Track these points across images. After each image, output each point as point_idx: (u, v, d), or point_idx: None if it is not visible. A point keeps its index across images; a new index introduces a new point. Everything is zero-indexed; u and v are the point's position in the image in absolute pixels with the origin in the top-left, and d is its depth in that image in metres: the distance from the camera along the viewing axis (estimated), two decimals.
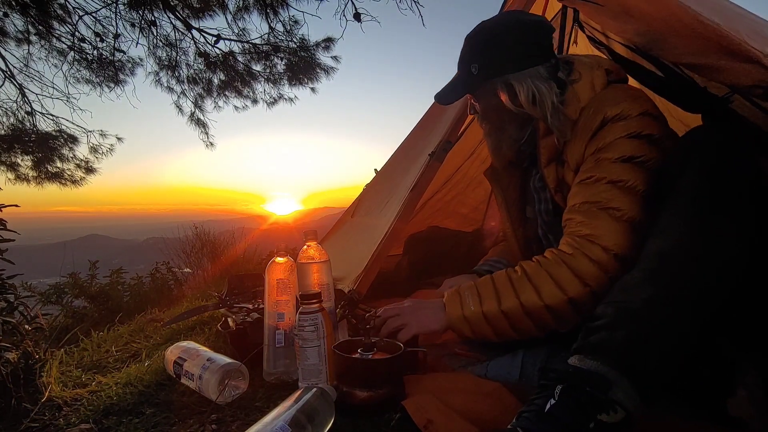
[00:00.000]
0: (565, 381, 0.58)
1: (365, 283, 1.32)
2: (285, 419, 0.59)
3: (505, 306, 0.81)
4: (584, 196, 0.81)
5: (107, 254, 37.17)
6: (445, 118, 1.61)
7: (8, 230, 1.03)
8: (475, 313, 0.84)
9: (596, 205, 0.79)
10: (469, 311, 0.85)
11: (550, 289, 0.78)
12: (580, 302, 0.77)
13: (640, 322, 0.60)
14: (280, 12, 4.16)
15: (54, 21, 3.89)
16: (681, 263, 0.62)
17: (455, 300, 0.88)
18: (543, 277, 0.80)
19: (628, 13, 0.94)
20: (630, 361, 0.58)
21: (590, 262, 0.76)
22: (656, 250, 0.65)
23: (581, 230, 0.80)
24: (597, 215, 0.78)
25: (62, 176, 4.75)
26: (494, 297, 0.83)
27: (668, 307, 0.60)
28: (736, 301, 0.64)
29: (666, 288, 0.61)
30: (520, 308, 0.80)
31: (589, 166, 0.83)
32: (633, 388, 0.57)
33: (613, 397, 0.55)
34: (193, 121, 4.94)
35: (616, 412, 0.55)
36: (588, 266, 0.76)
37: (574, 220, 0.82)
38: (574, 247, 0.79)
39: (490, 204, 2.37)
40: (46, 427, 0.78)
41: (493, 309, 0.82)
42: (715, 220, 0.62)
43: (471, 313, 0.84)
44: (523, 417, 0.57)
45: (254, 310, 1.14)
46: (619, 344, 0.60)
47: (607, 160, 0.80)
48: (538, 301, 0.79)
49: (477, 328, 0.85)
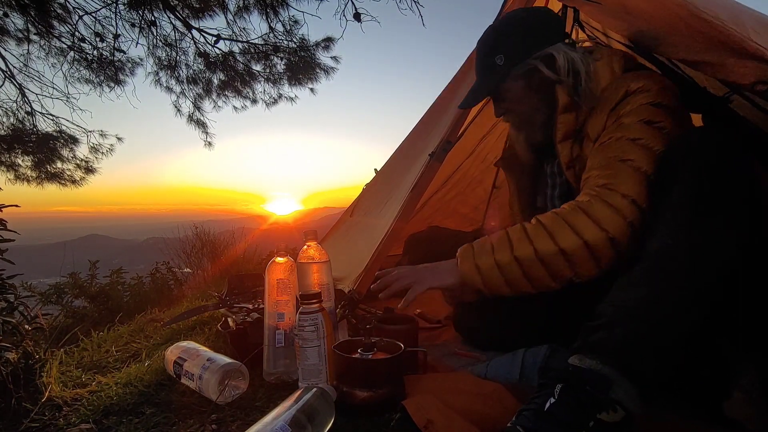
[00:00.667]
0: (565, 380, 0.58)
1: (365, 283, 1.32)
2: (285, 419, 0.59)
3: (518, 253, 0.79)
4: (603, 153, 0.82)
5: (107, 254, 37.16)
6: (445, 118, 1.61)
7: (8, 230, 1.03)
8: (488, 263, 0.82)
9: (614, 158, 0.79)
10: (481, 260, 0.83)
11: (565, 234, 0.76)
12: (596, 248, 0.75)
13: (638, 321, 0.60)
14: (280, 12, 4.16)
15: (54, 21, 3.88)
16: (678, 263, 0.62)
17: (468, 251, 0.86)
18: (559, 224, 0.78)
19: (628, 12, 0.94)
20: (628, 359, 0.58)
21: (608, 207, 0.75)
22: (653, 249, 0.65)
23: (599, 181, 0.79)
24: (615, 166, 0.78)
25: (62, 176, 4.75)
26: (507, 246, 0.81)
27: (665, 306, 0.60)
28: (734, 301, 0.64)
29: (662, 287, 0.61)
30: (533, 255, 0.78)
31: (610, 130, 0.83)
32: (633, 388, 0.56)
33: (613, 396, 0.55)
34: (192, 120, 4.94)
35: (615, 411, 0.55)
36: (605, 211, 0.75)
37: (592, 175, 0.82)
38: (591, 195, 0.78)
39: (490, 204, 2.37)
40: (46, 427, 0.78)
41: (506, 257, 0.80)
42: (713, 221, 0.62)
43: (483, 262, 0.83)
44: (522, 415, 0.57)
45: (254, 310, 1.14)
46: (617, 343, 0.59)
47: (628, 122, 0.81)
48: (552, 247, 0.77)
49: (489, 279, 0.83)
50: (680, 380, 0.69)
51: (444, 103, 1.85)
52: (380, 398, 0.74)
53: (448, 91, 1.90)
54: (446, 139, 1.44)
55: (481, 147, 2.14)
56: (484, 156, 2.20)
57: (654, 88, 0.81)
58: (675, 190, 0.67)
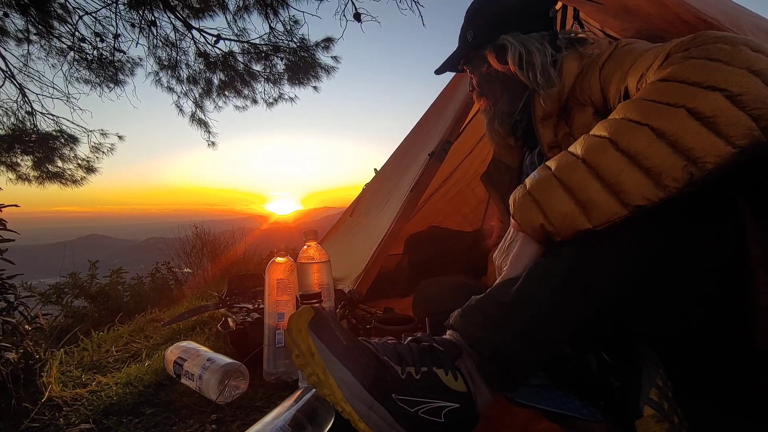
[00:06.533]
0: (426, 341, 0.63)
1: (365, 283, 1.32)
2: (285, 419, 0.59)
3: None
4: None
5: (107, 254, 37.14)
6: (445, 117, 1.61)
7: (8, 230, 1.03)
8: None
9: None
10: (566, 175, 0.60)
11: None
12: None
13: (507, 307, 0.60)
14: (280, 12, 4.16)
15: (54, 21, 3.89)
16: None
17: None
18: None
19: (628, 11, 0.94)
20: (479, 333, 0.60)
21: None
22: None
23: None
24: None
25: (63, 176, 4.75)
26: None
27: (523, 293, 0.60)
28: (646, 303, 0.63)
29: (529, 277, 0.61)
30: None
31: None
32: (476, 369, 0.59)
33: (457, 364, 0.58)
34: (194, 120, 4.94)
35: (456, 380, 0.57)
36: None
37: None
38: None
39: (490, 204, 2.37)
40: (46, 427, 0.78)
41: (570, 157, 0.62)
42: None
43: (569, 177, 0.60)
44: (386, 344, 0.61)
45: (254, 310, 1.14)
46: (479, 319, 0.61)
47: None
48: None
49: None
50: (591, 389, 0.68)
51: (444, 102, 1.86)
52: None
53: (447, 91, 1.90)
54: (446, 139, 1.44)
55: (481, 146, 2.14)
56: (484, 156, 2.19)
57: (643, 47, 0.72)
58: None
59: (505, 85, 0.93)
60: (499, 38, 0.88)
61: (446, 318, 0.65)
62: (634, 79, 0.66)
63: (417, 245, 1.91)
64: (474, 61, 0.97)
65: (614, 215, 0.54)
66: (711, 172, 0.50)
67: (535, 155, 0.97)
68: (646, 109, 0.54)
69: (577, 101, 0.82)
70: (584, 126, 0.79)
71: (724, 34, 0.55)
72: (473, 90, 1.02)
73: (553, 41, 0.86)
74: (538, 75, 0.83)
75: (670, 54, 0.59)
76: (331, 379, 0.52)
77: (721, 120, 0.49)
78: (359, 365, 0.54)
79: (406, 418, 0.53)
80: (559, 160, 0.61)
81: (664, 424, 0.57)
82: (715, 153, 0.49)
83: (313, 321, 0.55)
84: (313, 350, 0.54)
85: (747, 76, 0.49)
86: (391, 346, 0.60)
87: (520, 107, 0.93)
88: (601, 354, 0.69)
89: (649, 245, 0.58)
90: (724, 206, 0.64)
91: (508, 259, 0.67)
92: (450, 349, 0.60)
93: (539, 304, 0.58)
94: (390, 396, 0.53)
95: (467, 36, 0.95)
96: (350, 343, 0.56)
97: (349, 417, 0.52)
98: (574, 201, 0.56)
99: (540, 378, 0.76)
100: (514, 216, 0.65)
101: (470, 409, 0.57)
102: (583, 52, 0.84)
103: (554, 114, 0.86)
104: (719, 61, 0.51)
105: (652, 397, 0.58)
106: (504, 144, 1.04)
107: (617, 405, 0.64)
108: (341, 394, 0.52)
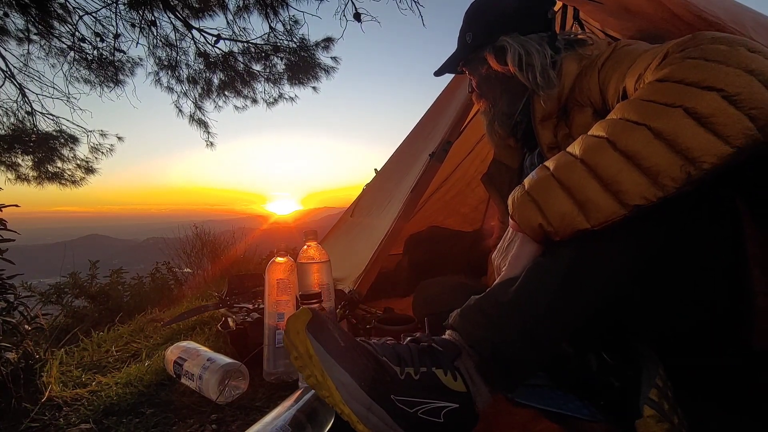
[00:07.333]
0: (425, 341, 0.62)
1: (365, 284, 1.32)
2: (285, 419, 0.59)
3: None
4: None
5: (107, 254, 37.14)
6: (445, 118, 1.61)
7: (8, 230, 1.03)
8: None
9: None
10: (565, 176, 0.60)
11: None
12: None
13: (505, 307, 0.60)
14: (280, 12, 4.16)
15: (54, 20, 3.89)
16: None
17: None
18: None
19: (629, 11, 0.94)
20: (480, 334, 0.60)
21: None
22: None
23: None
24: None
25: (62, 176, 4.75)
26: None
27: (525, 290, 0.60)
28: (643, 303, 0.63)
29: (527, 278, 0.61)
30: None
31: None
32: (476, 369, 0.59)
33: (456, 364, 0.58)
34: (194, 120, 4.94)
35: (456, 380, 0.57)
36: None
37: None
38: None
39: (490, 203, 2.37)
40: (46, 427, 0.78)
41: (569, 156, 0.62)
42: None
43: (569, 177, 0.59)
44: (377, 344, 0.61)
45: (254, 310, 1.14)
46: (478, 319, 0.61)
47: None
48: None
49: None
50: (591, 389, 0.68)
51: (444, 103, 1.86)
52: None
53: (447, 91, 1.90)
54: (446, 140, 1.44)
55: (481, 146, 2.14)
56: (484, 156, 2.19)
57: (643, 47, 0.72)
58: None
59: (505, 86, 0.93)
60: (499, 40, 0.88)
61: (446, 318, 0.65)
62: (632, 79, 0.66)
63: (417, 245, 1.91)
64: (473, 63, 0.97)
65: (613, 215, 0.54)
66: (709, 171, 0.50)
67: (535, 156, 0.97)
68: (644, 109, 0.54)
69: (577, 102, 0.82)
70: (583, 127, 0.78)
71: (721, 35, 0.55)
72: (473, 91, 1.02)
73: (552, 42, 0.86)
74: (538, 76, 0.83)
75: (667, 54, 0.59)
76: (329, 380, 0.52)
77: (718, 120, 0.49)
78: (357, 366, 0.54)
79: (405, 419, 0.53)
80: (557, 160, 0.60)
81: (664, 424, 0.57)
82: (712, 153, 0.49)
83: (311, 323, 0.55)
84: (311, 352, 0.53)
85: (744, 76, 0.49)
86: (390, 346, 0.60)
87: (520, 108, 0.93)
88: (601, 354, 0.69)
89: (648, 245, 0.58)
90: (722, 206, 0.64)
91: (507, 259, 0.67)
92: (449, 349, 0.60)
93: (538, 303, 0.57)
94: (389, 397, 0.53)
95: (466, 38, 0.95)
96: (348, 345, 0.56)
97: (348, 419, 0.52)
98: (573, 201, 0.56)
99: (540, 378, 0.76)
100: (513, 216, 0.65)
101: (470, 409, 0.57)
102: (582, 53, 0.84)
103: (554, 115, 0.87)
104: (716, 61, 0.52)
105: (652, 397, 0.59)
106: (504, 145, 1.04)
107: (617, 405, 0.64)
108: (340, 396, 0.52)
